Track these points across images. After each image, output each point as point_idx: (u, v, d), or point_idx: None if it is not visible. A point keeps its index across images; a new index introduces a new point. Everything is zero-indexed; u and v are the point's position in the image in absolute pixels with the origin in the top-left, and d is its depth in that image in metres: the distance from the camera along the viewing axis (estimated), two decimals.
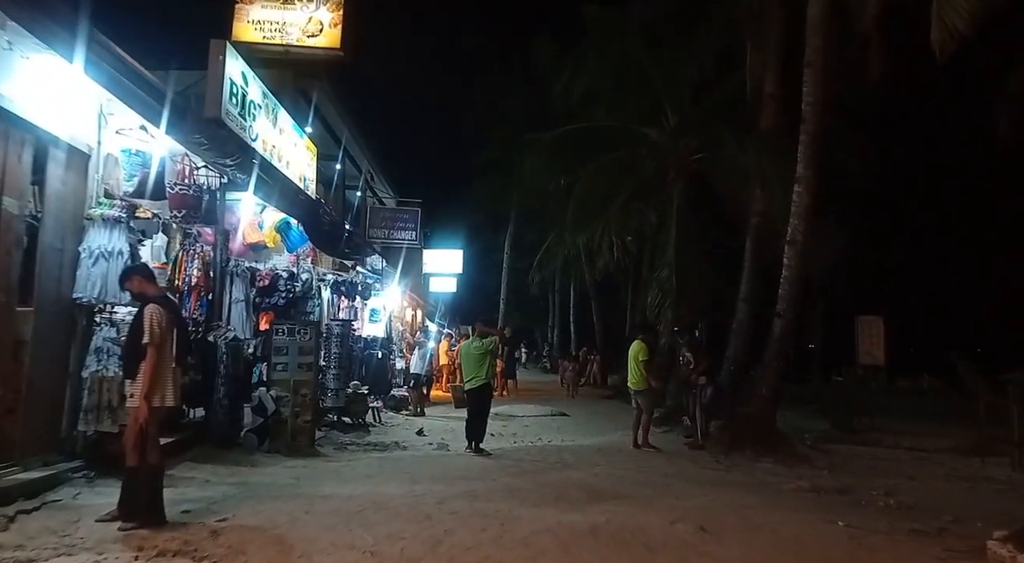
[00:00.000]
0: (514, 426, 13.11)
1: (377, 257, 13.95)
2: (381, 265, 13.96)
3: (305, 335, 9.15)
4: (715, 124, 13.76)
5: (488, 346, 9.14)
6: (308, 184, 11.64)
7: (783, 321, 10.86)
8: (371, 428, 11.37)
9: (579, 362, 28.10)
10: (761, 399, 11.00)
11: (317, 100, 14.76)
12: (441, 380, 20.62)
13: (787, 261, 10.86)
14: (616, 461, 9.03)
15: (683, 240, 14.75)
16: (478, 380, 8.99)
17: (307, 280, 10.91)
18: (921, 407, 15.56)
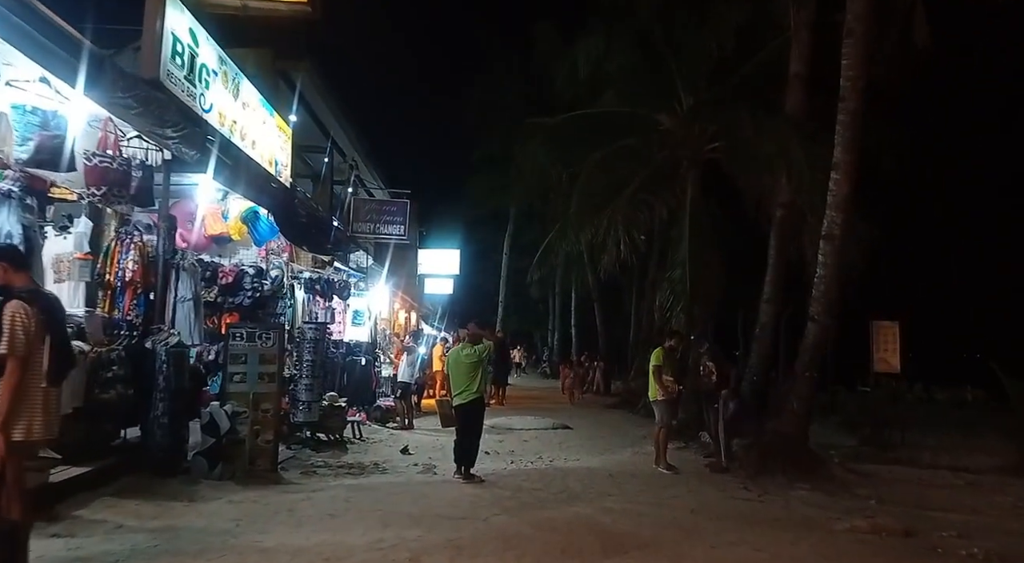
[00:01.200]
0: (511, 441, 11.78)
1: (362, 253, 12.64)
2: (367, 262, 12.66)
3: (268, 340, 7.83)
4: (734, 107, 12.45)
5: (482, 353, 7.81)
6: (281, 169, 10.34)
7: (818, 326, 9.54)
8: (350, 445, 10.04)
9: (581, 368, 26.84)
10: (792, 414, 9.68)
11: (301, 86, 13.49)
12: (434, 388, 19.29)
13: (822, 258, 9.55)
14: (631, 490, 7.71)
15: (697, 236, 13.43)
16: (469, 394, 7.66)
17: (277, 278, 9.61)
18: (958, 420, 14.25)
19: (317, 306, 10.79)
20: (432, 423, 13.36)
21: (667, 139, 13.99)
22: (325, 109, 14.99)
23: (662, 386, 8.98)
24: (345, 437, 10.21)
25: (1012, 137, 20.58)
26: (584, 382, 25.83)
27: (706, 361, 10.03)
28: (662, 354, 9.22)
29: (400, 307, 23.14)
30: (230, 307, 9.41)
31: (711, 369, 9.69)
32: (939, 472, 10.67)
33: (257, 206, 9.61)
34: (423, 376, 15.41)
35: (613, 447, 11.70)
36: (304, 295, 10.55)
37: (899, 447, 12.73)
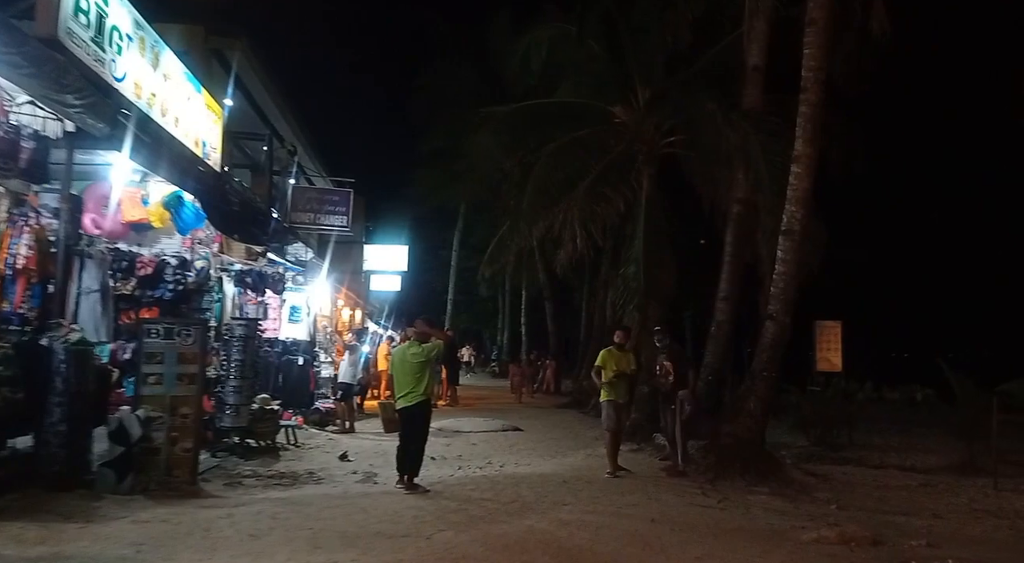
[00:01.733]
0: (459, 445, 11.18)
1: (301, 246, 11.82)
2: (306, 255, 11.85)
3: (188, 337, 7.04)
4: (692, 100, 12.14)
5: (430, 352, 7.18)
6: (209, 152, 9.49)
7: (776, 325, 9.27)
8: (283, 452, 9.28)
9: (531, 366, 26.41)
10: (750, 416, 9.38)
11: (237, 67, 12.57)
12: (379, 388, 18.52)
13: (781, 254, 9.28)
14: (586, 497, 7.22)
15: (652, 232, 13.08)
16: (415, 396, 7.02)
17: (203, 269, 8.79)
18: (907, 420, 14.33)
19: (248, 301, 9.96)
20: (375, 426, 12.66)
21: (623, 132, 13.60)
22: (264, 93, 14.06)
23: (605, 388, 8.78)
24: (278, 443, 9.44)
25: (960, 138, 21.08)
26: (534, 381, 25.43)
27: (663, 360, 9.57)
28: (605, 354, 8.88)
29: (344, 304, 22.25)
30: (149, 301, 8.56)
31: (668, 369, 9.26)
32: (889, 472, 10.61)
33: (181, 191, 8.79)
34: (367, 376, 14.68)
35: (565, 450, 11.24)
36: (234, 289, 9.71)
37: (848, 447, 12.69)
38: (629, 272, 13.08)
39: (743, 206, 11.32)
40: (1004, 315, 23.18)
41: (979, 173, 24.80)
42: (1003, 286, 23.17)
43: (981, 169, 24.85)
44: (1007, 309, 22.53)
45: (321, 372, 12.59)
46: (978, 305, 25.71)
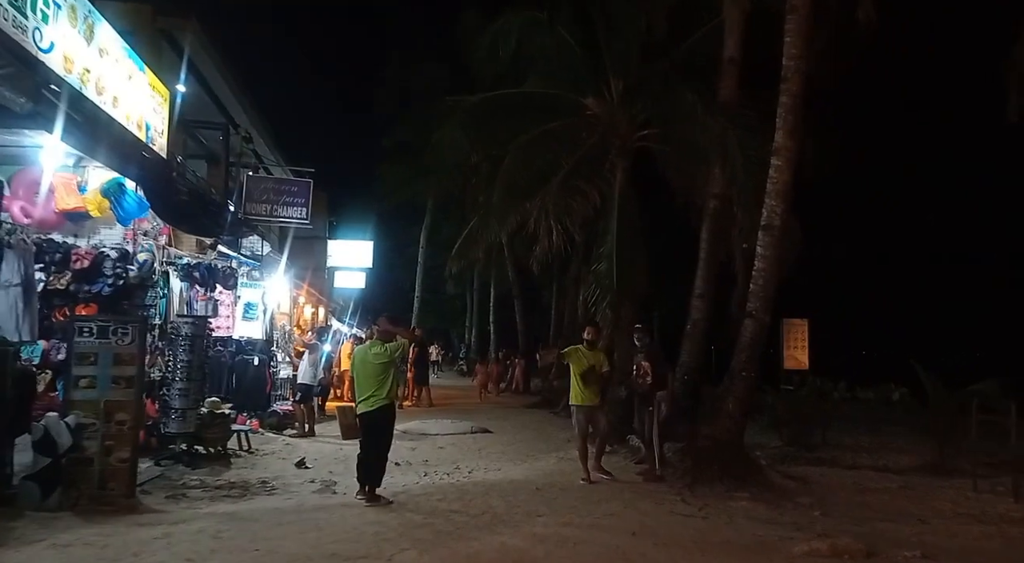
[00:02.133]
0: (425, 448, 10.66)
1: (257, 239, 11.14)
2: (262, 249, 11.17)
3: (124, 336, 6.39)
4: (668, 93, 11.76)
5: (394, 352, 6.63)
6: (155, 136, 8.78)
7: (756, 323, 8.94)
8: (235, 459, 8.65)
9: (499, 364, 25.95)
10: (728, 417, 9.04)
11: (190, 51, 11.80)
12: (343, 389, 17.86)
13: (761, 250, 8.95)
14: (562, 507, 6.77)
15: (625, 228, 12.67)
16: (376, 400, 6.48)
17: (146, 263, 8.11)
18: (879, 419, 14.20)
19: (197, 297, 9.27)
20: (336, 429, 12.07)
21: (595, 124, 13.19)
22: (219, 79, 13.27)
23: (573, 390, 8.38)
24: (229, 449, 8.80)
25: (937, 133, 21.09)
26: (502, 379, 24.97)
27: (641, 360, 9.15)
28: (572, 352, 8.40)
29: (306, 301, 21.48)
30: (87, 297, 7.86)
31: (646, 369, 8.86)
32: (865, 473, 10.41)
33: (122, 177, 8.12)
34: (328, 377, 14.04)
35: (536, 453, 10.79)
36: (182, 285, 9.03)
37: (821, 447, 12.49)
38: (601, 269, 12.67)
39: (719, 201, 11.00)
40: (984, 314, 23.40)
41: (960, 170, 24.98)
42: (983, 285, 23.41)
43: (963, 165, 25.02)
44: (987, 308, 22.74)
45: (280, 373, 11.93)
46: (957, 304, 25.86)
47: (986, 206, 24.10)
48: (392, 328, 6.75)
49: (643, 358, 9.07)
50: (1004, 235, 24.75)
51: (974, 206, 24.79)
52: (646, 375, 8.83)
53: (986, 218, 24.05)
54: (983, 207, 24.15)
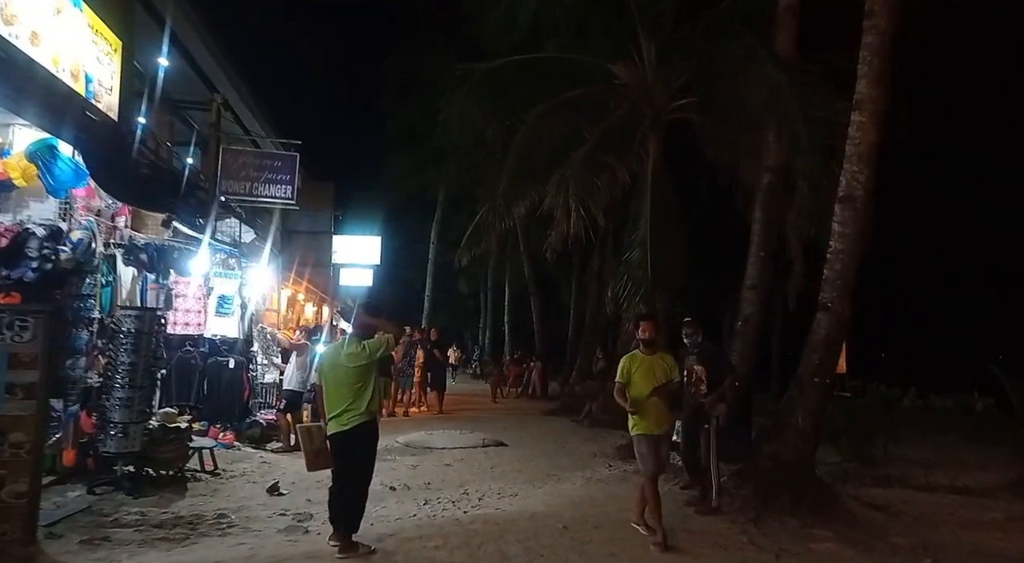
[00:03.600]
0: (428, 467, 9.07)
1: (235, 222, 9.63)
2: (239, 232, 9.65)
3: (24, 331, 4.85)
4: (710, 52, 10.12)
5: (375, 352, 4.99)
6: (98, 90, 7.27)
7: (831, 317, 7.25)
8: (194, 483, 7.09)
9: (516, 366, 24.36)
10: (797, 434, 7.36)
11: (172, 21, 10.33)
12: None
13: (839, 227, 7.26)
14: (598, 556, 5.15)
15: (660, 211, 11.06)
16: (352, 417, 4.85)
17: (81, 242, 6.58)
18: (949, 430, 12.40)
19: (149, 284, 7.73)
20: None
21: (624, 93, 11.55)
22: (208, 57, 11.83)
23: (633, 414, 5.74)
24: (189, 470, 7.26)
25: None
26: (519, 383, 23.37)
27: (693, 364, 7.29)
28: (628, 361, 5.89)
29: (306, 298, 20.02)
30: (5, 284, 6.33)
31: (700, 375, 7.08)
32: (947, 496, 8.81)
33: (54, 139, 6.64)
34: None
35: (558, 471, 9.17)
36: (133, 271, 7.49)
37: (884, 462, 10.81)
38: (634, 258, 11.04)
39: (775, 175, 9.31)
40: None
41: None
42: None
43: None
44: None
45: (263, 377, 10.38)
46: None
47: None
48: (371, 321, 5.12)
49: (695, 361, 7.26)
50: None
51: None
52: (700, 383, 7.07)
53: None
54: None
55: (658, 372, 5.77)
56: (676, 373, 5.96)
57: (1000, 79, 18.85)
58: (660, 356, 5.92)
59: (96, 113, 7.22)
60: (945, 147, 19.81)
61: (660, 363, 5.84)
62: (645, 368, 5.78)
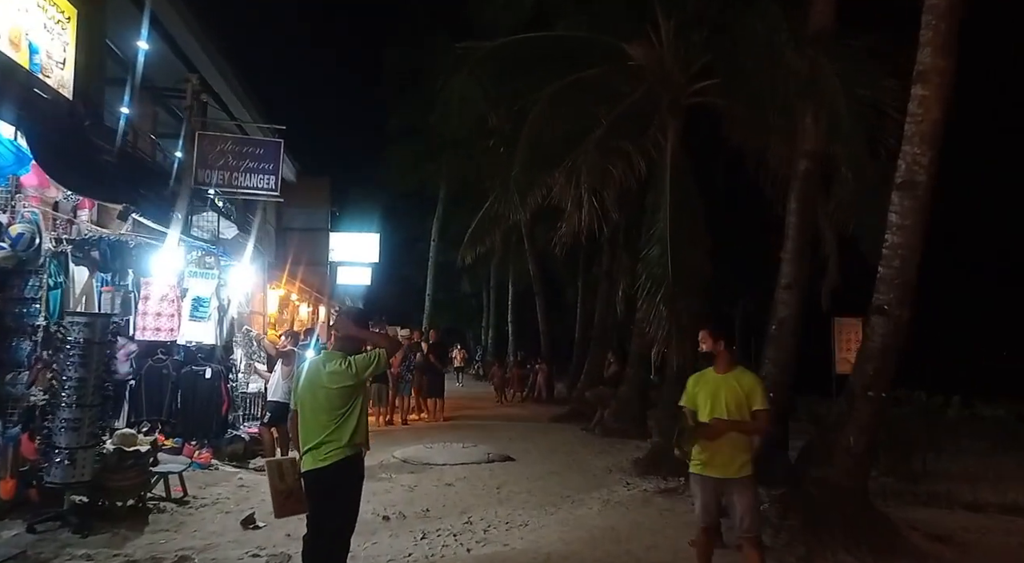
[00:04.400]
0: (428, 488, 8.16)
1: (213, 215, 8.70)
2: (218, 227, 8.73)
3: None
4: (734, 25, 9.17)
5: (364, 370, 3.98)
6: (46, 63, 6.35)
7: (888, 322, 6.31)
8: (157, 515, 6.16)
9: (519, 368, 23.42)
10: (847, 454, 6.43)
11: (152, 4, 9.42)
12: None
13: (897, 218, 6.33)
14: None
15: (681, 203, 10.10)
16: (331, 451, 3.86)
17: (22, 238, 5.65)
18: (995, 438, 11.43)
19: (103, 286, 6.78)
20: None
21: (640, 76, 10.60)
22: (190, 39, 10.91)
23: (682, 449, 4.69)
24: (153, 499, 6.33)
25: None
26: (524, 385, 22.44)
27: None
28: (691, 383, 4.81)
29: (300, 299, 19.11)
30: None
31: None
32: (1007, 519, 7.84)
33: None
34: None
35: (572, 492, 8.25)
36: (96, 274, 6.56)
37: (925, 476, 9.89)
38: (652, 255, 10.09)
39: (811, 161, 8.35)
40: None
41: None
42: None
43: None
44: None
45: (247, 386, 9.45)
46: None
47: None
48: (357, 333, 4.18)
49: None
50: None
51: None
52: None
53: None
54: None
55: (727, 397, 4.53)
56: (759, 399, 4.52)
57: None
58: (736, 375, 4.61)
59: (44, 89, 6.31)
60: (1003, 127, 18.27)
61: (732, 385, 4.55)
62: (710, 390, 4.62)
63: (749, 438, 4.61)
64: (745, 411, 4.55)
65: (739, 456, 4.51)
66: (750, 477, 4.55)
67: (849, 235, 9.51)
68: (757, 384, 4.62)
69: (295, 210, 23.21)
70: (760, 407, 4.55)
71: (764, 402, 4.58)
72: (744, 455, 4.53)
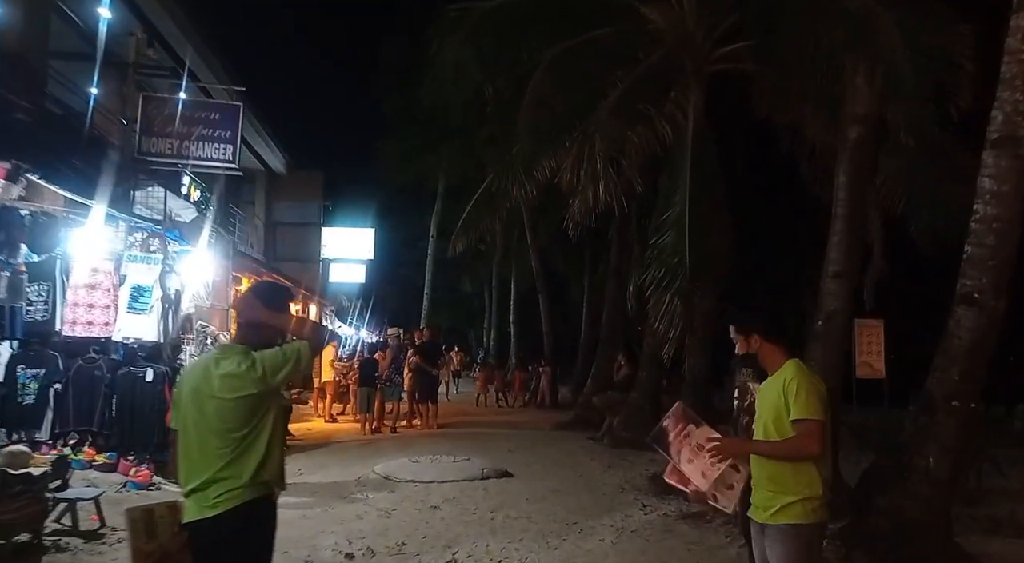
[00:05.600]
0: (408, 512, 6.88)
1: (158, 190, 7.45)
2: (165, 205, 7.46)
3: None
4: None
5: (274, 372, 2.66)
6: None
7: (980, 314, 5.05)
8: (56, 554, 4.90)
9: (522, 371, 22.17)
10: (925, 480, 5.16)
11: None
12: (325, 401, 14.18)
13: (990, 184, 5.06)
14: None
15: (701, 184, 8.86)
16: (224, 494, 2.56)
17: None
18: None
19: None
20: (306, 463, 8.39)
21: (658, 39, 9.35)
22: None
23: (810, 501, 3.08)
24: (59, 531, 5.07)
25: None
26: (525, 389, 21.18)
27: (748, 380, 4.91)
28: (819, 391, 3.12)
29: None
30: None
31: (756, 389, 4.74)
32: None
33: None
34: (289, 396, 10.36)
35: (581, 516, 6.97)
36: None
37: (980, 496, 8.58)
38: (667, 242, 8.84)
39: (865, 127, 7.05)
40: None
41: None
42: None
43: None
44: None
45: None
46: None
47: None
48: (268, 319, 2.86)
49: (751, 375, 4.92)
50: None
51: None
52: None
53: None
54: None
55: (765, 407, 3.25)
56: (798, 403, 3.04)
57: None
58: (779, 375, 3.21)
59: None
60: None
61: (772, 390, 3.21)
62: (759, 403, 3.35)
63: (796, 468, 3.06)
64: (785, 424, 3.17)
65: (775, 495, 3.09)
66: (789, 527, 3.05)
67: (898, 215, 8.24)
68: (795, 381, 3.07)
69: (285, 204, 22.12)
70: (798, 416, 3.02)
71: (805, 409, 3.01)
72: (784, 495, 3.06)
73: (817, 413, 3.01)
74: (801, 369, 3.16)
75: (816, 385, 3.09)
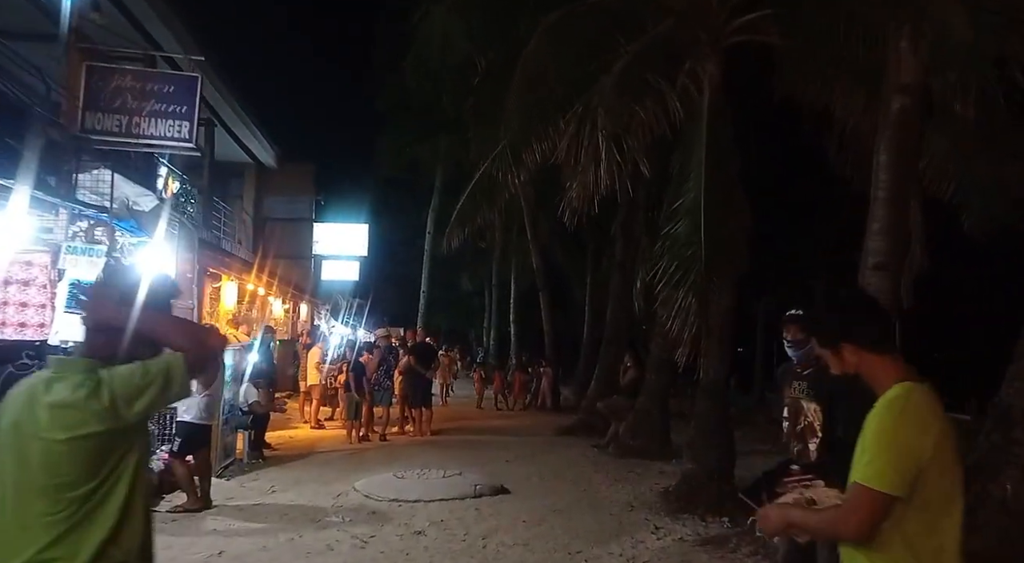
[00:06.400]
0: (387, 541, 6.00)
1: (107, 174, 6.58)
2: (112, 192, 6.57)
3: None
4: None
5: (135, 391, 1.78)
6: None
7: None
8: None
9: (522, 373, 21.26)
10: (1002, 511, 4.27)
11: None
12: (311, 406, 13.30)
13: None
14: None
15: (717, 169, 7.95)
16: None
17: None
18: None
19: None
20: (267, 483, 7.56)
21: (668, 7, 8.44)
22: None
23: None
24: None
25: None
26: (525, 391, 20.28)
27: (801, 398, 3.86)
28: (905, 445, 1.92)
29: (276, 294, 17.02)
30: None
31: (812, 421, 3.71)
32: None
33: None
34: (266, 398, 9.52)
35: (585, 544, 6.10)
36: None
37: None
38: (679, 233, 7.93)
39: (911, 98, 6.15)
40: None
41: None
42: None
43: None
44: None
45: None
46: None
47: None
48: (127, 317, 1.93)
49: (805, 393, 3.99)
50: None
51: None
52: (811, 434, 3.79)
53: None
54: None
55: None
56: (862, 462, 1.93)
57: None
58: (873, 412, 2.34)
59: None
60: None
61: (864, 429, 2.25)
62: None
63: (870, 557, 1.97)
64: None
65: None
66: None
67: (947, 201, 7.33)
68: (878, 420, 1.97)
69: (276, 198, 21.27)
70: (854, 477, 1.94)
71: (867, 468, 1.91)
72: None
73: (880, 479, 1.88)
74: (895, 404, 1.97)
75: (906, 436, 1.92)
